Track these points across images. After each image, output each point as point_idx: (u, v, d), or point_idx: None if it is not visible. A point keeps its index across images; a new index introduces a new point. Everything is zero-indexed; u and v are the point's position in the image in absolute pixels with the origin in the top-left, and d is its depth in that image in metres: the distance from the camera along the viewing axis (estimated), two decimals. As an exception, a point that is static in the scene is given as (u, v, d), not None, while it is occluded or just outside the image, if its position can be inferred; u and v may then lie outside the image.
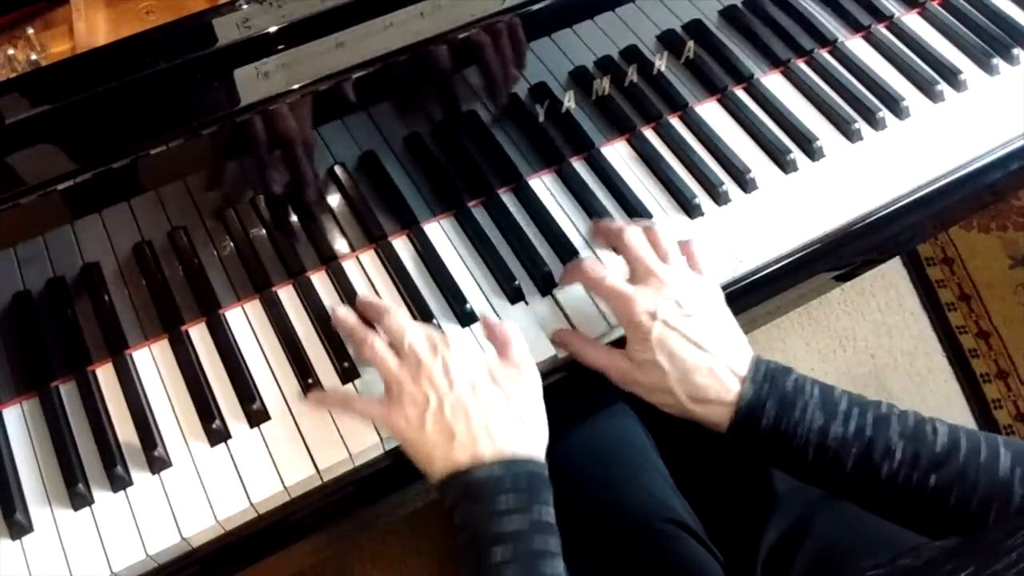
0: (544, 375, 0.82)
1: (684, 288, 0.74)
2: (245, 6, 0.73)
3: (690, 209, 0.90)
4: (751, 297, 0.89)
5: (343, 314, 0.79)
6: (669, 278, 0.75)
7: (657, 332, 0.72)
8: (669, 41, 0.91)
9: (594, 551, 0.83)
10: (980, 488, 0.65)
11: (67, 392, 0.79)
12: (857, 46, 1.03)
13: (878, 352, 1.72)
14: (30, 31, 0.75)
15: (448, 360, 0.72)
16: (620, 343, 0.82)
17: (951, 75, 0.99)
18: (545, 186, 0.92)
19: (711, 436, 0.92)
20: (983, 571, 0.52)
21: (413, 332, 0.74)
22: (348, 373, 0.80)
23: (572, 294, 0.84)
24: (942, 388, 1.69)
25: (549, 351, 0.81)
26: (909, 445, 0.67)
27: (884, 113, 0.96)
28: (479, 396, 0.70)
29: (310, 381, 0.79)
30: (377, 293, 0.85)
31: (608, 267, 0.78)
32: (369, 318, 0.79)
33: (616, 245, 0.81)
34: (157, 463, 0.75)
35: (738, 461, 0.91)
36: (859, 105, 0.97)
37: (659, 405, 0.74)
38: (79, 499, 0.74)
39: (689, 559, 0.83)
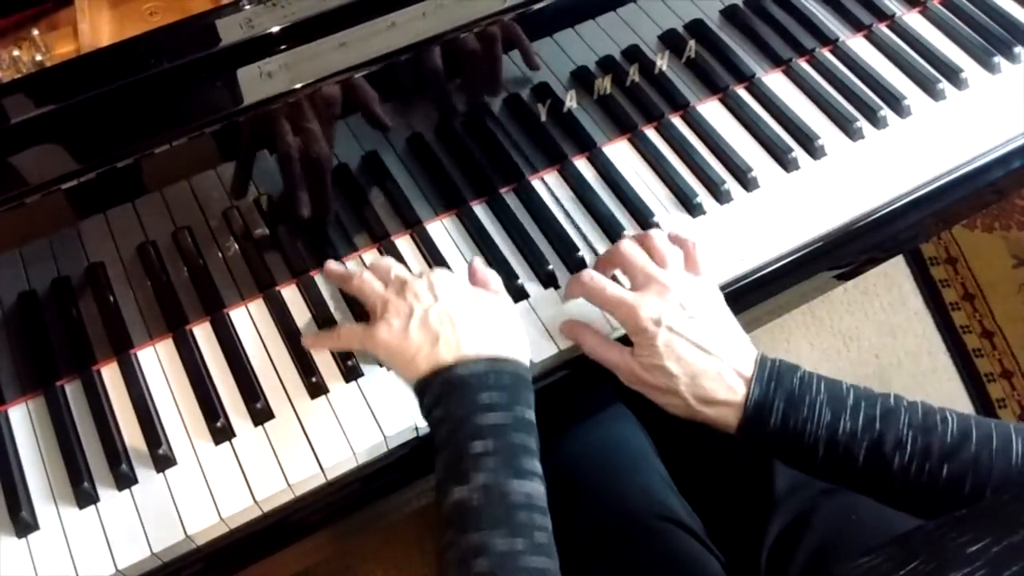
0: (545, 374, 0.83)
1: (686, 291, 0.74)
2: (248, 6, 0.73)
3: (692, 208, 0.90)
4: (753, 295, 0.89)
5: (332, 265, 0.84)
6: (670, 282, 0.75)
7: (663, 338, 0.72)
8: (671, 41, 0.91)
9: (592, 550, 0.83)
10: (994, 475, 0.65)
11: (72, 391, 0.80)
12: (858, 45, 1.03)
13: (882, 352, 1.72)
14: (35, 32, 0.76)
15: (432, 279, 0.75)
16: (623, 341, 0.83)
17: (952, 73, 0.99)
18: (547, 185, 0.92)
19: (710, 437, 0.92)
20: (999, 543, 0.52)
21: (398, 266, 0.78)
22: (351, 372, 0.80)
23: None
24: (946, 388, 1.69)
25: (551, 349, 0.81)
26: (920, 436, 0.67)
27: (886, 111, 0.96)
28: (463, 306, 0.73)
29: (314, 380, 0.79)
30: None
31: (607, 278, 0.78)
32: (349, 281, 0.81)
33: (614, 263, 0.80)
34: (162, 461, 0.76)
35: (737, 462, 0.91)
36: (860, 104, 0.97)
37: (667, 407, 0.75)
38: (84, 497, 0.74)
39: (687, 557, 0.83)
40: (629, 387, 0.76)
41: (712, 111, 0.98)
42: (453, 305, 0.72)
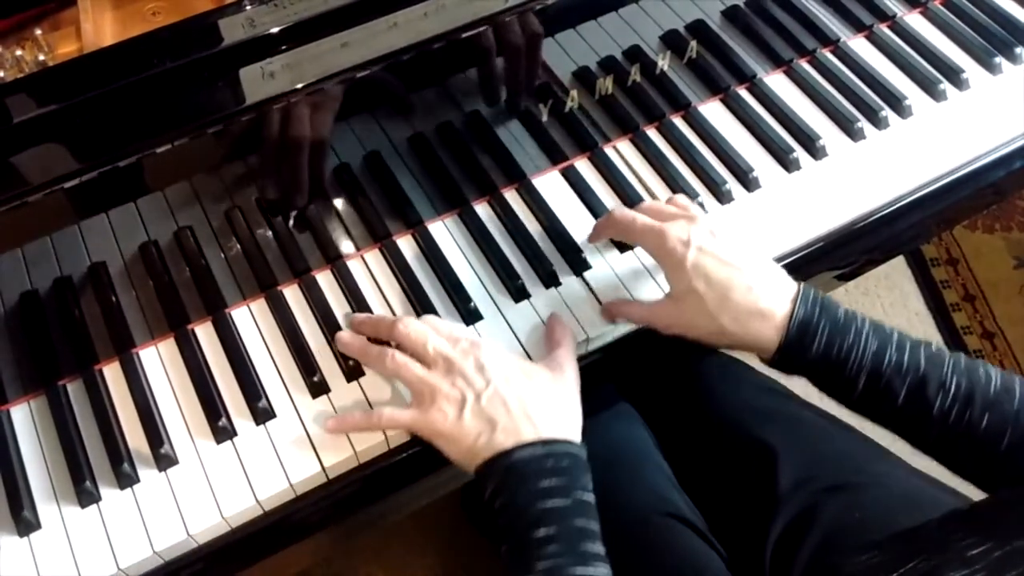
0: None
1: (713, 221, 0.75)
2: (250, 6, 0.74)
3: (693, 208, 0.90)
4: (754, 295, 0.89)
5: (347, 339, 0.79)
6: (698, 213, 0.76)
7: (692, 257, 0.72)
8: (672, 41, 0.91)
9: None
10: None
11: (74, 391, 0.80)
12: (859, 45, 1.04)
13: (882, 352, 1.72)
14: (38, 32, 0.76)
15: (480, 357, 0.72)
16: (620, 343, 0.83)
17: (953, 74, 0.99)
18: (549, 185, 0.92)
19: (715, 434, 0.93)
20: (1001, 547, 0.51)
21: (435, 337, 0.74)
22: (353, 371, 0.80)
23: (575, 293, 0.84)
24: (946, 388, 1.69)
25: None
26: (964, 381, 0.66)
27: (887, 112, 0.96)
28: (515, 387, 0.71)
29: (316, 379, 0.79)
30: (382, 292, 0.85)
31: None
32: (373, 335, 0.79)
33: (642, 209, 0.81)
34: (164, 461, 0.76)
35: (741, 459, 0.91)
36: (862, 104, 0.97)
37: (705, 339, 0.74)
38: (86, 497, 0.74)
39: (688, 552, 0.83)
40: (667, 334, 0.76)
41: (713, 111, 0.98)
42: (505, 387, 0.71)
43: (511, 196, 0.91)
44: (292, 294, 0.85)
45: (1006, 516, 0.56)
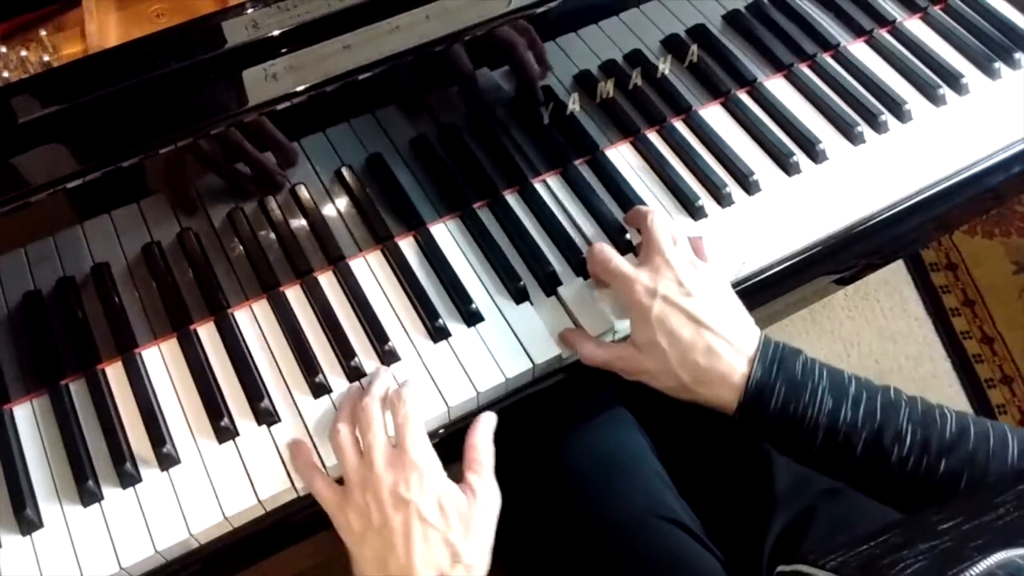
0: (546, 376, 0.83)
1: (686, 271, 0.75)
2: (253, 9, 0.74)
3: (694, 211, 0.90)
4: (753, 299, 0.89)
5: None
6: (674, 259, 0.76)
7: (656, 310, 0.72)
8: (673, 45, 0.91)
9: (591, 550, 0.83)
10: (991, 473, 0.65)
11: (77, 390, 0.80)
12: (859, 50, 1.04)
13: (882, 357, 1.73)
14: (42, 33, 0.76)
15: (398, 482, 0.68)
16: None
17: (953, 79, 1.00)
18: (550, 188, 0.93)
19: (711, 437, 0.93)
20: (970, 521, 0.53)
21: (376, 434, 0.71)
22: (354, 372, 0.80)
23: (576, 293, 0.85)
24: (946, 393, 1.70)
25: (553, 351, 0.82)
26: (919, 429, 0.67)
27: (886, 116, 0.97)
28: (417, 533, 0.67)
29: (317, 380, 0.79)
30: (384, 293, 0.85)
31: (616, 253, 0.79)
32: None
33: (638, 226, 0.82)
34: (166, 460, 0.76)
35: (738, 462, 0.92)
36: (861, 108, 0.97)
37: (667, 391, 0.74)
38: (89, 496, 0.74)
39: (686, 556, 0.83)
40: (630, 380, 0.76)
41: (714, 115, 0.98)
42: (411, 524, 0.67)
43: (512, 199, 0.92)
44: (294, 295, 0.85)
45: (977, 498, 0.57)
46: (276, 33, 0.73)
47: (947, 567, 0.49)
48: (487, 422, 0.76)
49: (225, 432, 0.77)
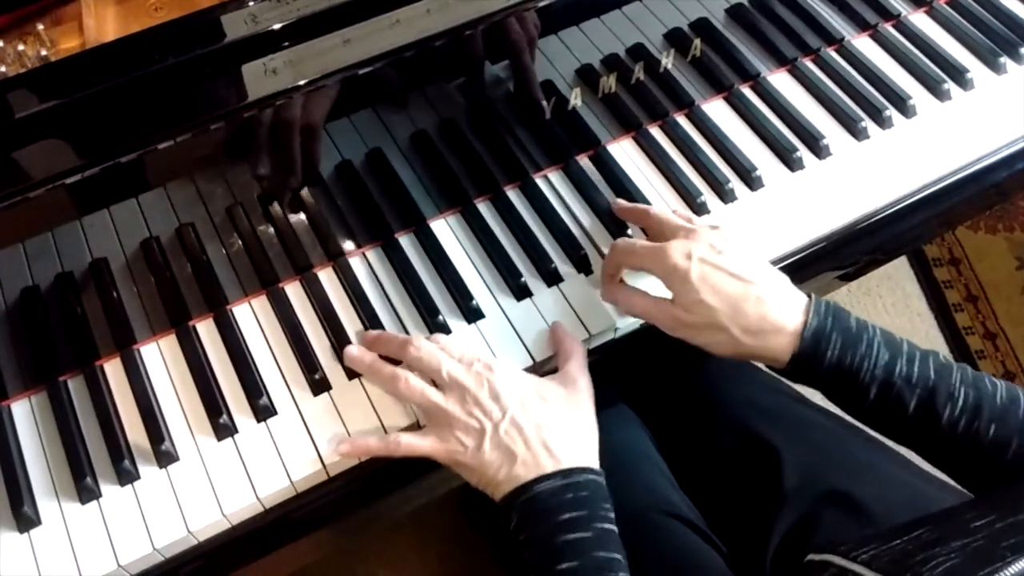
0: (547, 372, 0.82)
1: (713, 233, 0.75)
2: (253, 2, 0.73)
3: (696, 206, 0.90)
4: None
5: (356, 354, 0.78)
6: (698, 227, 0.76)
7: (696, 271, 0.72)
8: (676, 39, 0.91)
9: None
10: None
11: (75, 387, 0.80)
12: (864, 45, 1.03)
13: (884, 353, 1.72)
14: (40, 27, 0.76)
15: (494, 383, 0.72)
16: (623, 341, 0.83)
17: (958, 74, 0.99)
18: (551, 183, 0.92)
19: (715, 435, 0.92)
20: (1004, 519, 0.52)
21: (448, 361, 0.73)
22: (353, 370, 0.80)
23: (578, 289, 0.84)
24: (948, 389, 1.69)
25: (554, 349, 0.81)
26: (972, 393, 0.67)
27: (891, 112, 0.96)
28: (531, 414, 0.70)
29: (317, 376, 0.79)
30: (384, 289, 0.85)
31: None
32: (384, 353, 0.78)
33: (641, 222, 0.83)
34: (164, 457, 0.76)
35: (744, 458, 0.91)
36: (866, 104, 0.97)
37: (712, 346, 0.74)
38: (87, 493, 0.74)
39: (689, 551, 0.83)
40: (672, 336, 0.76)
41: (717, 110, 0.98)
42: (522, 414, 0.70)
43: (513, 194, 0.91)
44: (293, 291, 0.85)
45: (1011, 495, 0.57)
46: (275, 27, 0.72)
47: (980, 567, 0.49)
48: (561, 326, 0.81)
49: (224, 429, 0.77)
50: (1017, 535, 0.51)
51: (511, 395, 0.71)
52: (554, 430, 0.70)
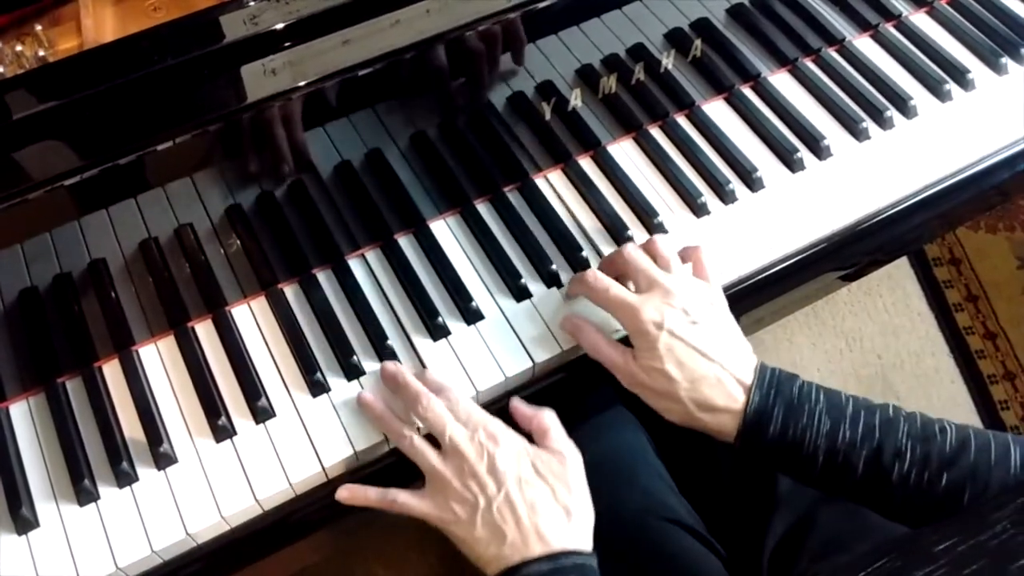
0: (547, 375, 0.83)
1: (689, 296, 0.74)
2: (252, 3, 0.73)
3: (696, 208, 0.89)
4: (757, 296, 0.89)
5: (369, 400, 0.78)
6: (674, 286, 0.75)
7: (664, 341, 0.72)
8: (676, 39, 0.91)
9: (593, 550, 0.83)
10: (992, 485, 0.65)
11: (73, 388, 0.79)
12: (865, 45, 1.03)
13: (885, 353, 1.72)
14: (38, 28, 0.75)
15: (495, 457, 0.71)
16: (624, 342, 0.82)
17: (959, 74, 0.99)
18: (551, 184, 0.92)
19: (712, 439, 0.92)
20: (965, 542, 0.52)
21: (453, 425, 0.72)
22: (353, 370, 0.80)
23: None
24: (949, 389, 1.69)
25: (554, 350, 0.81)
26: (919, 445, 0.67)
27: (892, 112, 0.96)
28: (526, 494, 0.70)
29: (315, 378, 0.79)
30: (383, 291, 0.85)
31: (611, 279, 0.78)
32: (397, 393, 0.77)
33: (617, 267, 0.80)
34: (163, 459, 0.75)
35: (740, 463, 0.91)
36: (867, 104, 0.97)
37: (664, 412, 0.74)
38: (85, 495, 0.74)
39: (687, 555, 0.83)
40: (628, 389, 0.76)
41: (717, 111, 0.97)
42: (517, 494, 0.69)
43: (513, 195, 0.91)
44: (292, 292, 0.85)
45: (973, 515, 0.57)
46: (275, 28, 0.72)
47: None
48: (521, 403, 0.78)
49: (222, 431, 0.77)
50: (979, 558, 0.51)
51: (509, 471, 0.70)
52: (547, 513, 0.69)
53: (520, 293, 0.84)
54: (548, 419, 0.75)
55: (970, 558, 0.51)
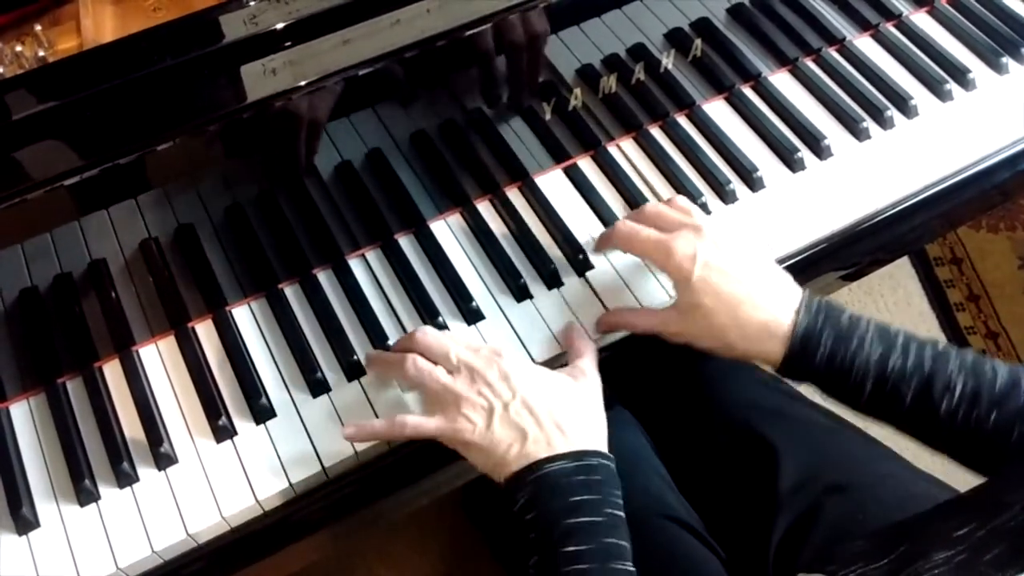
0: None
1: (718, 231, 0.75)
2: (252, 3, 0.73)
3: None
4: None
5: (371, 352, 0.79)
6: (702, 222, 0.76)
7: (699, 273, 0.72)
8: (676, 39, 0.90)
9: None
10: None
11: (74, 388, 0.80)
12: (865, 44, 1.03)
13: (886, 352, 1.72)
14: (38, 28, 0.75)
15: (503, 366, 0.71)
16: (622, 344, 0.82)
17: (960, 74, 0.99)
18: (552, 184, 0.92)
19: (714, 438, 0.92)
20: (984, 527, 0.52)
21: (457, 346, 0.73)
22: (353, 370, 0.80)
23: (578, 292, 0.84)
24: (950, 389, 1.69)
25: (555, 350, 0.81)
26: (970, 380, 0.66)
27: (892, 112, 0.96)
28: (543, 395, 0.70)
29: (316, 377, 0.79)
30: (383, 290, 0.85)
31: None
32: (395, 362, 0.76)
33: (641, 220, 0.81)
34: (163, 460, 0.75)
35: (741, 461, 0.91)
36: (867, 104, 0.96)
37: (711, 350, 0.74)
38: (85, 495, 0.74)
39: (687, 554, 0.83)
40: (674, 344, 0.76)
41: (718, 110, 0.97)
42: (532, 396, 0.69)
43: (513, 195, 0.91)
44: (293, 292, 0.85)
45: (988, 497, 0.57)
46: (275, 28, 0.72)
47: None
48: (575, 327, 0.81)
49: (223, 431, 0.77)
50: (998, 544, 0.51)
51: (521, 377, 0.70)
52: (565, 413, 0.69)
53: (520, 293, 0.84)
54: (587, 345, 0.77)
55: (989, 542, 0.51)
